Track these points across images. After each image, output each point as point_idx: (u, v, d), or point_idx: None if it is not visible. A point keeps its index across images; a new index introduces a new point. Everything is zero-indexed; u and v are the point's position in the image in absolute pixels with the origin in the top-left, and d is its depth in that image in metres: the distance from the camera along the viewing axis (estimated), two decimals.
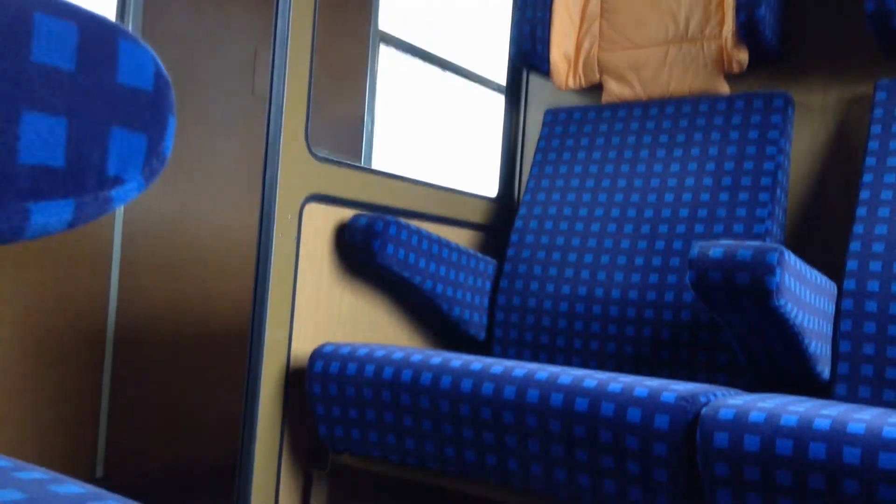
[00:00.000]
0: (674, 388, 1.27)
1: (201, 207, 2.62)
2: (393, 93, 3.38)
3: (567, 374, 1.36)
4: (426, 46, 3.46)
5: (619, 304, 1.86)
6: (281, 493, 1.67)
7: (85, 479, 2.32)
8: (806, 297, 1.42)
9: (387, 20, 3.24)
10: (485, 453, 1.40)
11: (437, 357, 1.49)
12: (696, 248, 1.36)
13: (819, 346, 1.52)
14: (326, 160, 1.75)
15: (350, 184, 1.81)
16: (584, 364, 1.87)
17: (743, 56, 1.93)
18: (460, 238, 2.12)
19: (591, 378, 1.33)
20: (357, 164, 1.86)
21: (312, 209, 1.72)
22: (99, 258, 2.34)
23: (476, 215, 2.18)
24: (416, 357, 1.50)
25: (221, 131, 2.67)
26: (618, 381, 1.31)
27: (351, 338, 1.82)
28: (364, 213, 1.80)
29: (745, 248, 1.32)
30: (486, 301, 2.02)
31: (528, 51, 2.13)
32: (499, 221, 2.24)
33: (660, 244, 1.87)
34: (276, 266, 1.64)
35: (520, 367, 1.40)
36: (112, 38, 0.38)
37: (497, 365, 1.42)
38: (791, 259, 1.34)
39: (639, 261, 1.88)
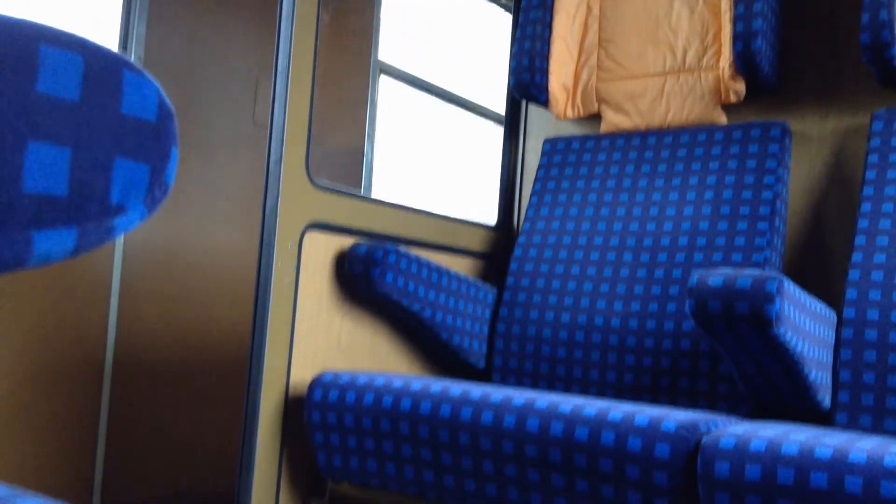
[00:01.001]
0: (674, 417, 1.27)
1: (201, 234, 2.63)
2: (393, 123, 3.40)
3: (567, 403, 1.35)
4: (426, 77, 3.49)
5: (618, 333, 1.86)
6: None
7: None
8: (806, 325, 1.42)
9: (387, 52, 3.27)
10: (484, 483, 1.40)
11: (437, 385, 1.48)
12: (696, 276, 1.36)
13: (819, 374, 1.51)
14: (327, 188, 1.76)
15: (350, 212, 1.82)
16: (583, 393, 1.87)
17: (740, 87, 1.95)
18: (460, 266, 2.12)
19: (591, 406, 1.33)
20: (357, 193, 1.87)
21: (312, 237, 1.73)
22: (98, 285, 2.35)
23: (475, 243, 2.19)
24: (416, 386, 1.49)
25: (222, 159, 2.68)
26: (618, 410, 1.31)
27: (350, 365, 1.82)
28: (364, 241, 1.81)
29: (745, 276, 1.32)
30: (485, 329, 2.02)
31: (527, 81, 2.15)
32: (498, 250, 2.24)
33: (659, 273, 1.88)
34: (276, 294, 1.64)
35: (519, 396, 1.40)
36: (116, 69, 0.38)
37: (496, 393, 1.42)
38: (790, 287, 1.34)
39: (638, 289, 1.88)
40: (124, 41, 2.45)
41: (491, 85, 3.74)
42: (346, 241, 1.80)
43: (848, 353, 1.60)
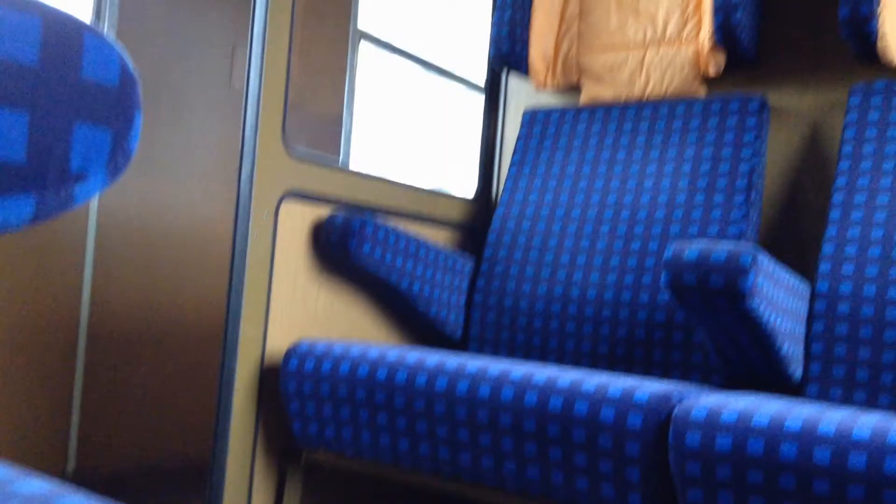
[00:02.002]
0: (647, 388, 1.28)
1: (178, 201, 2.61)
2: (373, 91, 3.37)
3: (541, 374, 1.36)
4: (406, 46, 3.46)
5: (594, 305, 1.87)
6: (254, 488, 1.67)
7: (57, 473, 2.30)
8: (779, 298, 1.43)
9: (367, 19, 3.23)
10: (459, 451, 1.41)
11: (413, 355, 1.49)
12: (671, 249, 1.37)
13: (791, 347, 1.53)
14: (304, 157, 1.75)
15: (327, 182, 1.81)
16: (558, 363, 1.88)
17: (719, 59, 1.95)
18: (438, 237, 2.12)
19: (565, 377, 1.34)
20: (335, 162, 1.85)
21: (289, 207, 1.72)
22: (72, 251, 2.32)
23: (454, 214, 2.18)
24: (392, 355, 1.50)
25: (199, 125, 2.65)
26: (591, 381, 1.32)
27: (327, 335, 1.82)
28: (341, 211, 1.80)
29: (720, 249, 1.33)
30: (462, 300, 2.03)
31: (507, 52, 2.13)
32: (477, 221, 2.24)
33: (635, 245, 1.88)
34: (251, 264, 1.63)
35: (494, 366, 1.40)
36: (77, 33, 0.37)
37: (472, 363, 1.42)
38: (765, 261, 1.35)
39: (614, 261, 1.89)
40: (98, 4, 2.41)
41: (472, 54, 3.72)
42: (324, 211, 1.79)
43: (820, 326, 1.62)
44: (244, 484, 1.65)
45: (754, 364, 1.58)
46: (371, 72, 3.31)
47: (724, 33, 1.88)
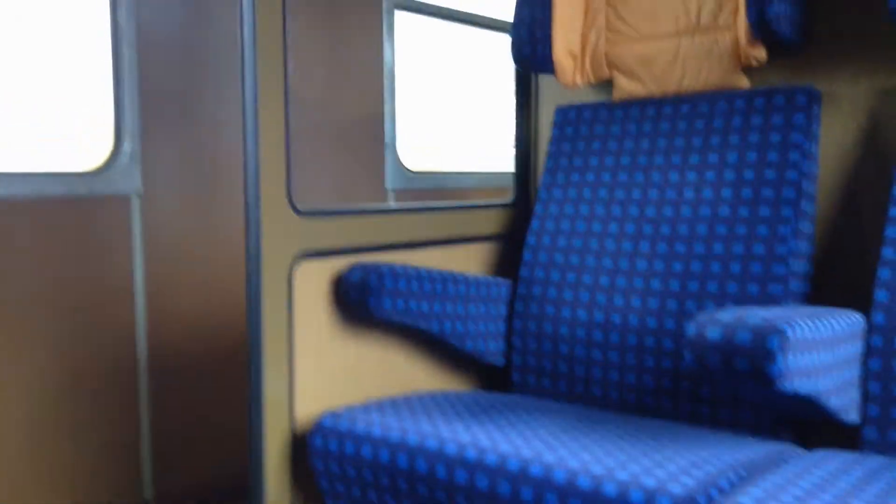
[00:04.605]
0: (670, 491, 1.20)
1: (226, 213, 2.59)
2: (413, 65, 3.23)
3: (562, 469, 1.29)
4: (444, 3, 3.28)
5: (636, 332, 1.76)
6: None
7: (134, 502, 2.39)
8: (820, 361, 1.30)
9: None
10: None
11: (433, 439, 1.43)
12: (693, 326, 1.25)
13: (841, 398, 1.40)
14: (312, 213, 1.67)
15: (342, 231, 1.74)
16: (604, 395, 1.79)
17: (759, 52, 1.75)
18: (474, 253, 2.03)
19: (586, 475, 1.26)
20: (346, 209, 1.77)
21: (303, 267, 1.66)
22: (123, 279, 2.35)
23: (491, 226, 2.08)
24: (412, 439, 1.45)
25: (231, 135, 2.60)
26: (613, 480, 1.24)
27: (361, 389, 1.78)
28: (360, 260, 1.73)
29: (745, 328, 1.20)
30: (501, 326, 1.95)
31: (529, 54, 1.98)
32: (515, 229, 2.13)
33: (677, 266, 1.75)
34: (269, 332, 1.60)
35: (515, 458, 1.34)
36: None
37: (491, 453, 1.36)
38: (798, 332, 1.22)
39: (655, 284, 1.77)
40: (114, 18, 2.35)
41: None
42: (342, 263, 1.73)
43: (877, 363, 1.48)
44: None
45: (803, 415, 1.47)
46: (411, 42, 3.17)
47: (761, 29, 1.68)
